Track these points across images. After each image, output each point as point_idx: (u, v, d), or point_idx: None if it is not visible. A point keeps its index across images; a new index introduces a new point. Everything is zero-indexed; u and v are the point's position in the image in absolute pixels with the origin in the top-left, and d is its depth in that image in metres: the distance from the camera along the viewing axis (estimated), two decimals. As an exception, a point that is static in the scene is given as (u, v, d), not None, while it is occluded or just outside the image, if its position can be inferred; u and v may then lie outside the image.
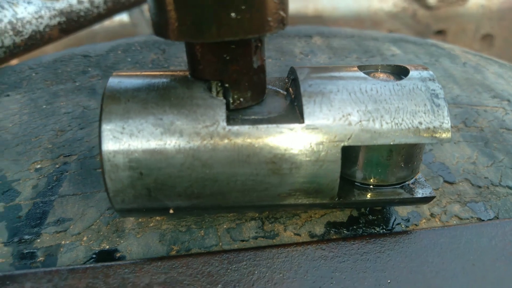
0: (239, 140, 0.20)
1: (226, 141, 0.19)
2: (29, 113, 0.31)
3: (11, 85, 0.34)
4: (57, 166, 0.27)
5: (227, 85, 0.20)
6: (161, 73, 0.22)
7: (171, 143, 0.19)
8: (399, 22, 0.92)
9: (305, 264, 0.22)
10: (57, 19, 0.45)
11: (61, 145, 0.28)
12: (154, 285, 0.21)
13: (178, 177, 0.20)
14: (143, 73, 0.22)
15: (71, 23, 0.47)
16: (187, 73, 0.21)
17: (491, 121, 0.34)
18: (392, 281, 0.21)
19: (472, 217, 0.26)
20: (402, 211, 0.26)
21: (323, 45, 0.38)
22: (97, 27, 0.63)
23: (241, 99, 0.21)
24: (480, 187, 0.28)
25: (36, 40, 0.44)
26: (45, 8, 0.44)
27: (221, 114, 0.20)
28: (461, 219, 0.26)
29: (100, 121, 0.19)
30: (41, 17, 0.43)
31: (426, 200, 0.22)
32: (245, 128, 0.20)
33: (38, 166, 0.27)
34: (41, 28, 0.43)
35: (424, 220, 0.26)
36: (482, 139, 0.32)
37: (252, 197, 0.21)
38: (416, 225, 0.25)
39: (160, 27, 0.19)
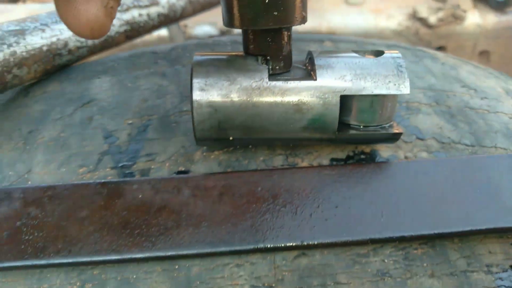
0: (276, 90, 0.31)
1: (268, 90, 0.31)
2: (118, 89, 0.43)
3: (100, 71, 0.46)
4: (143, 121, 0.39)
5: (268, 58, 0.32)
6: (226, 53, 0.34)
7: (234, 91, 0.31)
8: (403, 39, 1.04)
9: (315, 178, 0.33)
10: (124, 27, 0.57)
11: (145, 109, 0.40)
12: (217, 186, 0.32)
13: (237, 113, 0.32)
14: (215, 53, 0.34)
15: (133, 31, 0.60)
16: (242, 52, 0.33)
17: (458, 102, 0.45)
18: (374, 190, 0.32)
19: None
20: (384, 154, 0.37)
21: (332, 46, 0.50)
22: (138, 40, 0.76)
23: (277, 67, 0.32)
24: (444, 143, 0.39)
25: (108, 43, 0.56)
26: (116, 19, 0.57)
27: (265, 74, 0.31)
28: (426, 160, 0.37)
29: (191, 78, 0.31)
30: (112, 25, 0.56)
31: (397, 135, 0.33)
32: (280, 83, 0.31)
33: (130, 121, 0.39)
34: (112, 33, 0.56)
35: (400, 160, 0.37)
36: (449, 113, 0.43)
37: (283, 129, 0.32)
38: (393, 162, 0.36)
39: (229, 20, 0.31)
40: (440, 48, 1.06)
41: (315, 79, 0.32)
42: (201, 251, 0.29)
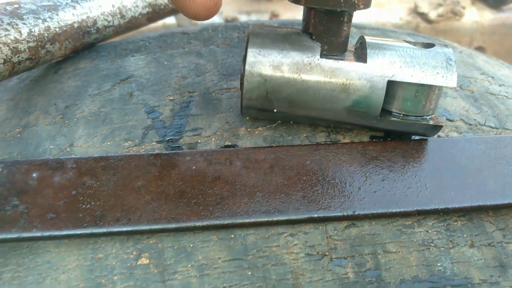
0: (326, 68, 0.32)
1: (318, 67, 0.32)
2: (154, 67, 0.43)
3: (133, 49, 0.47)
4: (185, 98, 0.40)
5: (325, 39, 0.33)
6: (284, 27, 0.34)
7: (285, 64, 0.32)
8: (403, 33, 1.06)
9: (360, 153, 0.34)
10: (147, 9, 0.58)
11: (185, 86, 0.41)
12: (267, 159, 0.33)
13: (286, 85, 0.33)
14: (272, 26, 0.34)
15: (154, 14, 0.60)
16: (299, 29, 0.34)
17: (479, 88, 0.47)
18: (417, 164, 0.34)
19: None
20: (419, 133, 0.39)
21: (358, 32, 0.51)
22: (144, 28, 0.76)
23: (331, 50, 0.33)
24: (471, 124, 0.41)
25: (132, 24, 0.56)
26: (140, 0, 0.57)
27: (318, 51, 0.32)
28: (458, 140, 0.39)
29: (246, 47, 0.32)
30: (137, 6, 0.56)
31: (437, 128, 0.34)
32: (331, 61, 0.32)
33: (171, 98, 0.40)
34: (136, 15, 0.56)
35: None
36: (472, 97, 0.45)
37: (327, 107, 0.33)
38: (429, 140, 0.38)
39: None
40: (439, 43, 1.09)
41: (365, 62, 0.33)
42: (258, 220, 0.30)
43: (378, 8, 1.06)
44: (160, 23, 1.02)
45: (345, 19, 0.32)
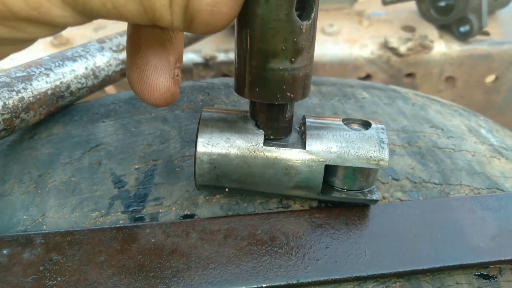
0: (269, 154, 0.36)
1: (262, 154, 0.36)
2: (123, 134, 0.47)
3: (104, 114, 0.50)
4: (149, 166, 0.43)
5: (268, 125, 0.36)
6: (234, 111, 0.38)
7: (233, 152, 0.35)
8: (375, 67, 1.11)
9: (307, 221, 0.38)
10: (120, 66, 0.61)
11: (150, 154, 0.44)
12: (222, 230, 0.36)
13: (234, 171, 0.36)
14: (223, 110, 0.38)
15: (128, 69, 0.63)
16: (247, 112, 0.37)
17: (427, 142, 0.50)
18: (358, 231, 0.37)
19: (409, 200, 0.43)
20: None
21: (315, 90, 0.55)
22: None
23: (275, 134, 0.36)
24: (415, 182, 0.45)
25: (106, 81, 0.60)
26: (113, 59, 0.60)
27: (261, 139, 0.36)
28: (402, 200, 0.42)
29: (196, 136, 0.36)
30: (110, 65, 0.59)
31: (374, 201, 0.38)
32: (274, 148, 0.36)
33: (137, 166, 0.43)
34: (110, 73, 0.59)
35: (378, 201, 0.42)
36: (419, 154, 0.48)
37: (273, 187, 0.37)
38: (373, 203, 0.41)
39: (238, 90, 0.34)
40: (410, 75, 1.14)
41: (304, 148, 0.36)
42: (210, 291, 0.33)
43: (350, 43, 1.10)
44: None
45: (286, 108, 0.36)
